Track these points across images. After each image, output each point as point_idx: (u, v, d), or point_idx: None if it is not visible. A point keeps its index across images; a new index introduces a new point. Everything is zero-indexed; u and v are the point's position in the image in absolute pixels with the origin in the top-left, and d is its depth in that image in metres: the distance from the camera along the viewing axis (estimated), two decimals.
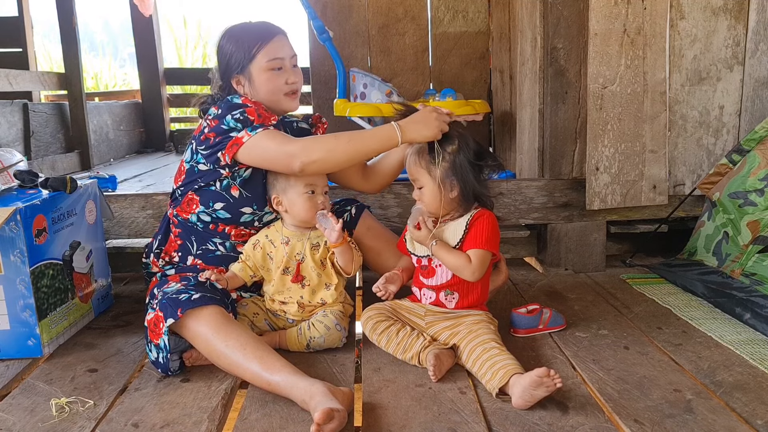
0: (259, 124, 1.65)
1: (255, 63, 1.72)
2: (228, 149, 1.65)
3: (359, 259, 1.75)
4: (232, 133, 1.65)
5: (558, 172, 2.33)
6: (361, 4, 3.25)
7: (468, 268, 1.57)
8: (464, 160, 1.59)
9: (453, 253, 1.59)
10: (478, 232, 1.58)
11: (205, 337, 1.49)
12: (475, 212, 1.61)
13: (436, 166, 1.58)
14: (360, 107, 2.76)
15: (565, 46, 2.25)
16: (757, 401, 1.37)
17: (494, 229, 1.60)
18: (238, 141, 1.64)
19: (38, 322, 1.65)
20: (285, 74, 1.74)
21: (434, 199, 1.61)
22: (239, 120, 1.65)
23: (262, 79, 1.72)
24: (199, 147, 1.71)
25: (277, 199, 1.72)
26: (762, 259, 1.87)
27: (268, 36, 1.73)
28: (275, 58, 1.72)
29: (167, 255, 1.82)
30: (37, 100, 4.12)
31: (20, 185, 1.82)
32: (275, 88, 1.73)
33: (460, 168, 1.59)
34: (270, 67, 1.72)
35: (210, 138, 1.67)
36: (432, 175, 1.59)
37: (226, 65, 1.76)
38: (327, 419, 1.23)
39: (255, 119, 1.66)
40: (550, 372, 1.32)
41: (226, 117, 1.66)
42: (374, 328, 1.63)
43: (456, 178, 1.59)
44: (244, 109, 1.66)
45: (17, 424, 1.34)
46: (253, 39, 1.72)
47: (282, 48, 1.74)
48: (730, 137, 2.32)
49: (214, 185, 1.72)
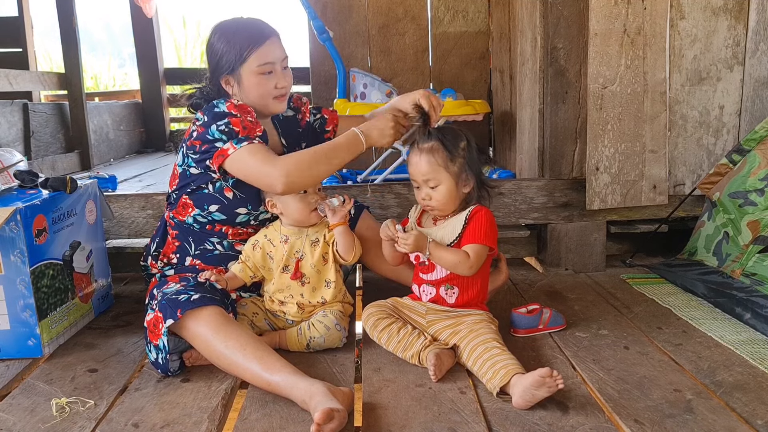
0: (244, 137, 1.63)
1: (246, 66, 1.68)
2: (215, 159, 1.64)
3: (359, 249, 1.74)
4: (218, 144, 1.64)
5: (558, 172, 2.33)
6: (361, 4, 3.25)
7: (465, 263, 1.57)
8: (474, 153, 1.62)
9: (449, 250, 1.59)
10: (476, 227, 1.59)
11: (205, 338, 1.49)
12: (473, 208, 1.62)
13: (453, 161, 1.59)
14: (360, 107, 2.76)
15: (565, 46, 2.25)
16: (757, 401, 1.37)
17: (492, 225, 1.61)
18: (223, 152, 1.63)
19: (38, 322, 1.65)
20: (275, 78, 1.71)
21: (450, 196, 1.61)
22: (224, 132, 1.63)
23: (252, 83, 1.69)
24: (189, 151, 1.70)
25: (271, 202, 1.72)
26: (762, 259, 1.87)
27: (261, 39, 1.69)
28: (266, 63, 1.68)
29: (165, 257, 1.82)
30: (37, 100, 4.13)
31: (20, 185, 1.82)
32: (264, 92, 1.71)
33: (473, 161, 1.62)
34: (261, 71, 1.68)
35: (196, 145, 1.67)
36: (450, 172, 1.59)
37: (216, 64, 1.73)
38: (327, 419, 1.23)
39: (240, 131, 1.64)
40: (552, 372, 1.32)
41: (211, 127, 1.64)
42: (375, 325, 1.63)
43: (471, 173, 1.61)
44: (228, 120, 1.64)
45: (17, 424, 1.34)
46: (245, 41, 1.68)
47: (273, 51, 1.70)
48: (730, 137, 2.32)
49: (206, 188, 1.72)
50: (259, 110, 1.73)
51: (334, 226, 1.67)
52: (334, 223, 1.67)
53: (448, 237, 1.61)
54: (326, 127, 1.99)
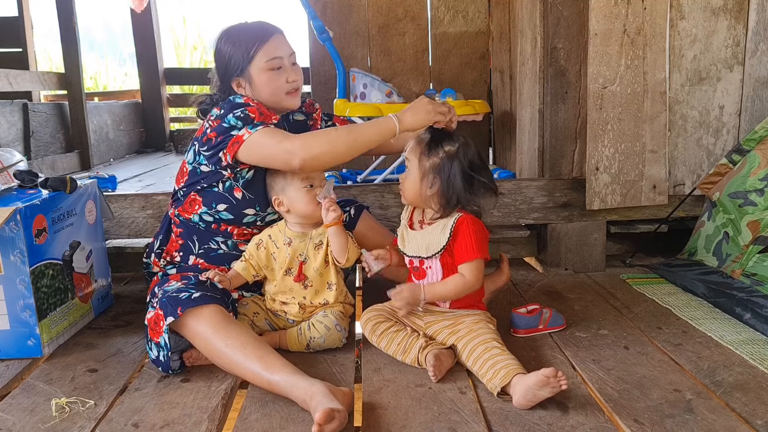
0: (260, 122, 1.65)
1: (254, 64, 1.71)
2: (229, 148, 1.64)
3: (354, 252, 1.70)
4: (233, 132, 1.64)
5: (558, 172, 2.33)
6: (361, 4, 3.25)
7: (466, 286, 1.57)
8: (455, 164, 1.56)
9: (445, 284, 1.58)
10: (466, 242, 1.55)
11: (205, 336, 1.49)
12: (458, 217, 1.57)
13: (428, 158, 1.57)
14: (360, 107, 2.75)
15: (565, 46, 2.25)
16: (757, 401, 1.37)
17: (480, 232, 1.57)
18: (238, 139, 1.63)
19: (38, 322, 1.65)
20: (285, 73, 1.73)
21: (412, 187, 1.61)
22: (240, 118, 1.64)
23: (263, 80, 1.71)
24: (202, 148, 1.70)
25: (278, 200, 1.72)
26: (762, 260, 1.87)
27: (266, 36, 1.72)
28: (274, 58, 1.71)
29: (168, 255, 1.82)
30: (37, 100, 4.13)
31: (20, 185, 1.82)
32: (276, 88, 1.73)
33: (447, 169, 1.56)
34: (269, 67, 1.71)
35: (212, 138, 1.67)
36: (421, 165, 1.58)
37: (225, 68, 1.75)
38: (328, 419, 1.23)
39: (256, 117, 1.65)
40: (557, 373, 1.32)
41: (227, 116, 1.65)
42: (373, 329, 1.63)
43: (439, 177, 1.56)
44: (245, 108, 1.66)
45: (17, 424, 1.34)
46: (251, 40, 1.71)
47: (280, 47, 1.73)
48: (730, 137, 2.32)
49: (216, 186, 1.72)
50: (273, 108, 1.74)
51: (327, 226, 1.66)
52: (328, 222, 1.66)
53: (435, 246, 1.58)
54: None
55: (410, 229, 1.68)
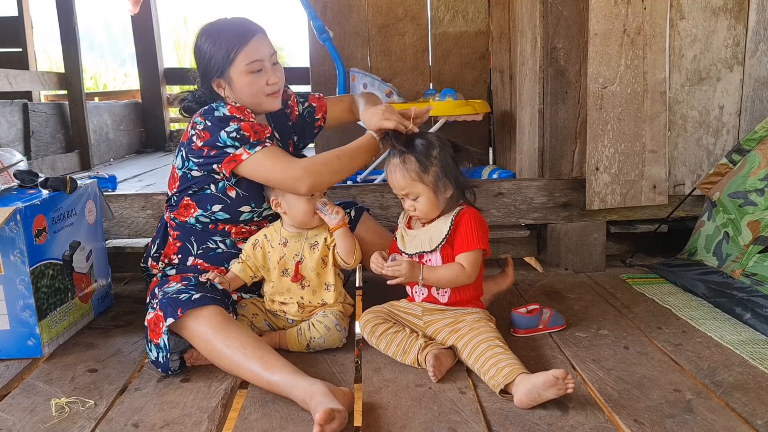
0: (257, 141, 1.64)
1: (234, 67, 1.67)
2: (225, 164, 1.64)
3: (359, 253, 1.73)
4: (229, 150, 1.64)
5: (558, 172, 2.33)
6: (361, 4, 3.25)
7: (463, 275, 1.57)
8: (448, 158, 1.60)
9: (444, 269, 1.59)
10: (466, 233, 1.58)
11: (205, 337, 1.49)
12: (459, 209, 1.61)
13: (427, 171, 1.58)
14: None
15: (565, 46, 2.25)
16: (757, 401, 1.37)
17: (480, 225, 1.61)
18: (236, 158, 1.63)
19: (38, 322, 1.65)
20: (265, 75, 1.69)
21: (432, 204, 1.61)
22: (236, 138, 1.63)
23: (243, 83, 1.68)
24: (191, 155, 1.69)
25: (276, 201, 1.72)
26: (762, 260, 1.87)
27: (246, 37, 1.67)
28: (254, 61, 1.67)
29: (166, 257, 1.81)
30: (37, 100, 4.13)
31: (20, 185, 1.82)
32: (256, 91, 1.70)
33: (448, 167, 1.60)
34: (250, 70, 1.67)
35: (203, 150, 1.66)
36: (426, 182, 1.59)
37: (205, 68, 1.72)
38: (328, 419, 1.23)
39: (251, 135, 1.64)
40: (567, 375, 1.32)
41: (219, 134, 1.63)
42: (372, 331, 1.63)
43: (447, 178, 1.60)
44: (239, 126, 1.64)
45: (17, 424, 1.34)
46: (231, 41, 1.66)
47: (261, 48, 1.69)
48: (730, 137, 2.32)
49: (209, 188, 1.72)
50: (253, 109, 1.73)
51: (334, 229, 1.67)
52: (334, 225, 1.67)
53: (436, 239, 1.61)
54: (315, 115, 1.98)
55: (409, 229, 1.68)
